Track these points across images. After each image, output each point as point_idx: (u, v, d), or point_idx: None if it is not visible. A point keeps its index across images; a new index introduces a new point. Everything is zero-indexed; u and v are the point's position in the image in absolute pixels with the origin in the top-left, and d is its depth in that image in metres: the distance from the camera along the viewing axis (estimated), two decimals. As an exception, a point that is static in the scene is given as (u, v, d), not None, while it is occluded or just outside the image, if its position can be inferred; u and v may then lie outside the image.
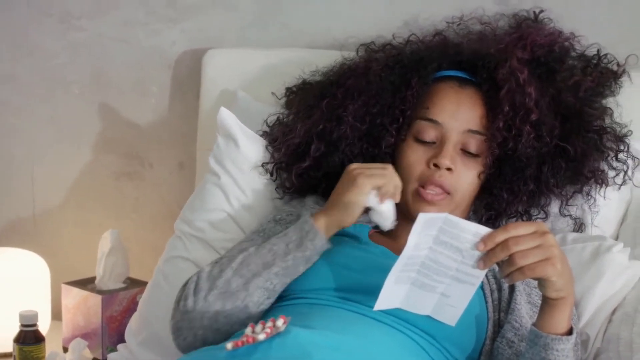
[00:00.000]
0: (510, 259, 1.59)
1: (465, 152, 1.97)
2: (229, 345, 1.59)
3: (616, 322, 1.99)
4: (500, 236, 1.59)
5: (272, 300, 1.83)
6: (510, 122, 1.97)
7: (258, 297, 1.81)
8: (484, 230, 1.60)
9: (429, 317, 1.71)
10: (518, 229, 1.60)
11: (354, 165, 1.86)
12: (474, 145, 1.96)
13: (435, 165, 1.93)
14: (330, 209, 1.85)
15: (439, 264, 1.62)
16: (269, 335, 1.61)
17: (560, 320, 1.68)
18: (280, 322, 1.63)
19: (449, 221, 1.60)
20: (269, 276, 1.81)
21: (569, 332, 1.69)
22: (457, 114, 1.96)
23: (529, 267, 1.59)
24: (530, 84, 1.98)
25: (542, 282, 1.63)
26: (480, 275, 1.62)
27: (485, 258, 1.60)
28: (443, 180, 1.93)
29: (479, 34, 2.16)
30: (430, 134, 1.97)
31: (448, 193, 1.94)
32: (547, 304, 1.67)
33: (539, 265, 1.59)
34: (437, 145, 1.96)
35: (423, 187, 1.94)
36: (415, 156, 1.97)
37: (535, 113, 1.98)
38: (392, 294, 1.67)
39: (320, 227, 1.83)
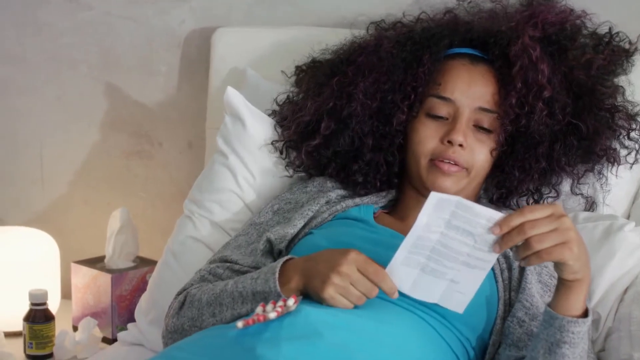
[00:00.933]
0: (527, 243, 1.57)
1: (478, 128, 1.96)
2: (240, 323, 1.59)
3: (627, 301, 1.99)
4: (516, 220, 1.57)
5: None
6: (523, 99, 1.97)
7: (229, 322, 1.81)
8: (498, 215, 1.57)
9: (438, 296, 1.70)
10: (534, 212, 1.57)
11: (345, 269, 1.68)
12: (486, 121, 1.96)
13: (449, 142, 1.93)
14: (307, 280, 1.73)
15: (450, 249, 1.61)
16: (280, 314, 1.61)
17: (575, 302, 1.66)
18: (291, 302, 1.63)
19: (462, 205, 1.58)
20: (235, 316, 1.79)
21: (584, 314, 1.68)
22: (470, 91, 1.96)
23: (545, 250, 1.57)
24: (542, 61, 1.98)
25: (558, 265, 1.62)
26: (491, 260, 1.61)
27: (500, 242, 1.58)
28: (456, 156, 1.93)
29: (489, 11, 2.14)
30: (442, 110, 1.97)
31: (464, 168, 1.94)
32: (563, 285, 1.66)
33: (555, 249, 1.57)
34: (450, 122, 1.96)
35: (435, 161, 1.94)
36: (428, 131, 1.97)
37: (548, 90, 1.97)
38: (400, 275, 1.66)
39: (290, 288, 1.74)
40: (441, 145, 1.95)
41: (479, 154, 1.96)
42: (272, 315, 1.60)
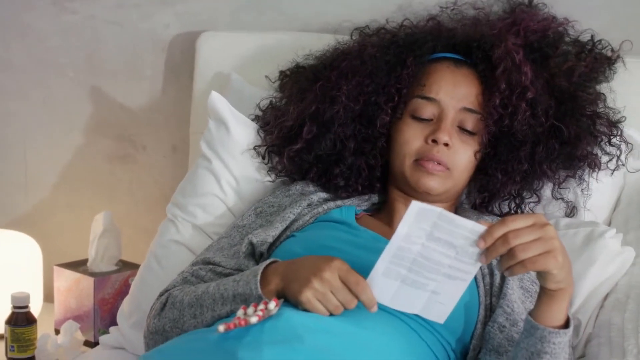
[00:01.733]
0: (511, 253, 1.56)
1: (461, 129, 1.98)
2: (221, 327, 1.59)
3: (608, 307, 1.99)
4: (499, 230, 1.56)
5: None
6: (507, 100, 1.98)
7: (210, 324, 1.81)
8: (479, 227, 1.56)
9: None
10: (517, 222, 1.56)
11: (327, 275, 1.67)
12: (470, 123, 1.98)
13: (434, 141, 1.94)
14: (286, 282, 1.72)
15: (431, 260, 1.60)
16: (261, 318, 1.61)
17: (558, 311, 1.66)
18: (272, 305, 1.63)
19: (444, 217, 1.57)
20: (216, 318, 1.79)
21: (566, 323, 1.68)
22: (454, 92, 1.98)
23: (530, 260, 1.56)
24: (525, 63, 1.99)
25: (542, 274, 1.61)
26: (473, 271, 1.60)
27: (486, 253, 1.57)
28: (440, 155, 1.94)
29: (472, 19, 2.16)
30: (427, 111, 1.98)
31: (448, 168, 1.95)
32: (545, 294, 1.65)
33: (540, 258, 1.56)
34: (435, 122, 1.97)
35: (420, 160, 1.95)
36: (413, 132, 1.99)
37: (532, 91, 1.99)
38: (380, 286, 1.65)
39: (270, 291, 1.73)
40: (426, 145, 1.96)
41: (462, 155, 1.97)
42: (254, 319, 1.60)
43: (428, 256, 1.59)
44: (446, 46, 2.07)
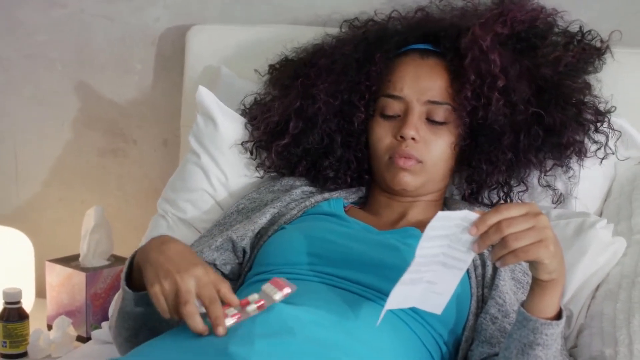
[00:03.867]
0: (503, 242, 1.55)
1: (431, 121, 1.98)
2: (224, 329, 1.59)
3: (599, 298, 1.99)
4: (493, 218, 1.54)
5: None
6: (479, 91, 1.98)
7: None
8: (473, 215, 1.55)
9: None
10: (510, 210, 1.55)
11: (185, 277, 1.63)
12: (439, 114, 1.98)
13: (401, 137, 1.95)
14: (143, 266, 1.70)
15: (427, 257, 1.58)
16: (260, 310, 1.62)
17: (550, 303, 1.65)
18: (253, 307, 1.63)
19: (441, 218, 1.55)
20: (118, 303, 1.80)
21: (559, 314, 1.68)
22: (418, 85, 1.98)
23: (522, 249, 1.54)
24: (493, 51, 1.99)
25: (534, 265, 1.60)
26: (468, 259, 1.59)
27: (479, 241, 1.56)
28: (409, 150, 1.95)
29: (461, 9, 2.15)
30: (393, 108, 1.99)
31: (420, 161, 1.95)
32: (537, 285, 1.64)
33: (532, 248, 1.55)
34: (402, 118, 1.98)
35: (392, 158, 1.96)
36: (382, 131, 2.00)
37: (502, 79, 1.98)
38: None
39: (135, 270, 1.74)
40: (395, 141, 1.97)
41: (434, 146, 1.97)
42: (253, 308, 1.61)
43: (425, 254, 1.58)
44: (418, 37, 2.07)
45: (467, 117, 1.98)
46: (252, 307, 1.62)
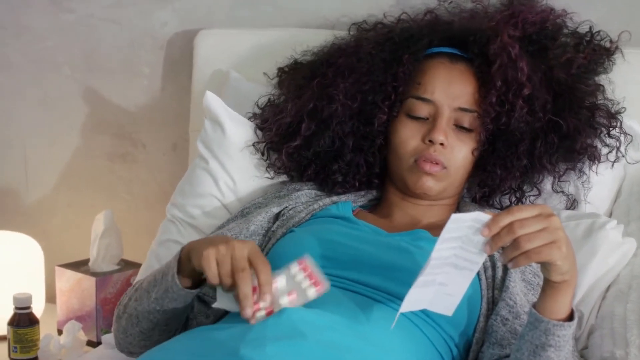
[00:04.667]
0: (515, 243, 1.54)
1: (458, 127, 1.97)
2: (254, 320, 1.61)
3: (610, 299, 1.99)
4: (505, 219, 1.54)
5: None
6: (503, 97, 1.98)
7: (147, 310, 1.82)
8: (485, 216, 1.55)
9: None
10: (522, 212, 1.55)
11: (238, 244, 1.65)
12: (466, 120, 1.97)
13: (430, 141, 1.94)
14: (197, 245, 1.73)
15: (440, 259, 1.58)
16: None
17: (562, 304, 1.65)
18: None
19: (455, 220, 1.54)
20: (149, 301, 1.79)
21: (570, 315, 1.67)
22: (449, 90, 1.97)
23: (534, 250, 1.54)
24: (521, 58, 1.99)
25: (546, 266, 1.60)
26: (479, 260, 1.58)
27: (490, 242, 1.55)
28: (437, 155, 1.94)
29: (470, 11, 2.15)
30: (423, 111, 1.98)
31: (445, 167, 1.95)
32: (550, 286, 1.64)
33: (544, 249, 1.55)
34: (430, 121, 1.97)
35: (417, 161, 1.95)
36: (409, 132, 1.98)
37: (528, 87, 1.98)
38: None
39: (184, 259, 1.74)
40: (422, 145, 1.96)
41: (458, 152, 1.97)
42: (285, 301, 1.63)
43: (439, 257, 1.57)
44: (442, 40, 2.06)
45: (490, 123, 1.98)
46: (284, 300, 1.63)
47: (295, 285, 1.65)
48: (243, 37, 2.50)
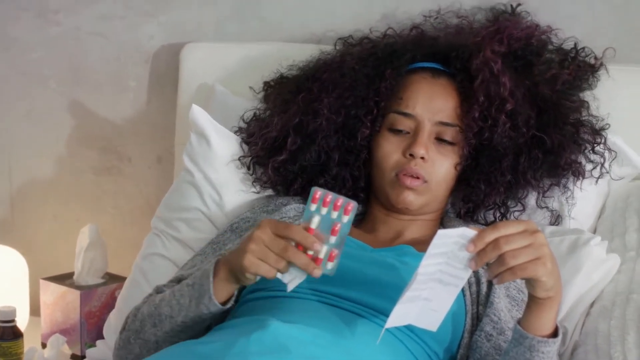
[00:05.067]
0: (501, 259, 1.55)
1: (440, 140, 1.98)
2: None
3: (594, 315, 1.99)
4: (491, 235, 1.55)
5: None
6: (486, 112, 1.98)
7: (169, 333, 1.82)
8: (470, 232, 1.55)
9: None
10: (508, 228, 1.56)
11: (258, 233, 1.67)
12: (448, 134, 1.98)
13: (411, 155, 1.95)
14: (230, 263, 1.73)
15: (426, 274, 1.58)
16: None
17: (547, 320, 1.66)
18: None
19: (441, 236, 1.55)
20: (174, 325, 1.79)
21: (555, 331, 1.68)
22: (430, 105, 1.98)
23: (519, 266, 1.55)
24: (504, 74, 1.99)
25: (531, 282, 1.61)
26: (464, 276, 1.59)
27: (476, 258, 1.56)
28: (418, 168, 1.95)
29: (456, 27, 2.17)
30: (404, 125, 1.99)
31: (425, 181, 1.95)
32: (534, 303, 1.65)
33: (530, 265, 1.55)
34: (411, 135, 1.98)
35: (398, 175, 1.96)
36: (391, 146, 1.99)
37: (511, 102, 1.99)
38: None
39: (220, 279, 1.74)
40: (403, 159, 1.97)
41: (440, 166, 1.97)
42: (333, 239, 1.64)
43: (424, 272, 1.57)
44: (426, 55, 2.07)
45: (473, 138, 1.99)
46: (332, 239, 1.64)
47: (330, 220, 1.64)
48: (229, 50, 2.50)
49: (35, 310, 2.66)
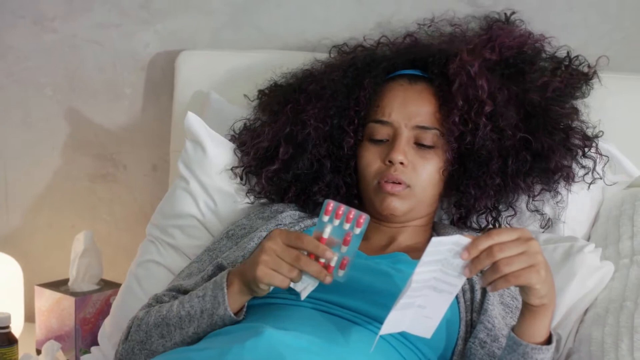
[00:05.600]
0: (495, 267, 1.55)
1: (419, 145, 1.98)
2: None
3: (588, 322, 2.00)
4: (485, 243, 1.55)
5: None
6: (466, 116, 1.99)
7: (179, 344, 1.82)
8: (464, 240, 1.55)
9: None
10: (501, 236, 1.56)
11: (269, 244, 1.69)
12: (427, 138, 1.99)
13: (390, 162, 1.96)
14: (243, 275, 1.75)
15: (420, 282, 1.58)
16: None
17: (540, 327, 1.66)
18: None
19: (435, 243, 1.55)
20: (185, 336, 1.80)
21: (549, 339, 1.68)
22: (405, 110, 1.99)
23: (513, 274, 1.55)
24: (481, 76, 2.00)
25: (525, 289, 1.61)
26: (459, 283, 1.59)
27: (470, 266, 1.56)
28: (398, 174, 1.95)
29: (449, 35, 2.17)
30: (382, 133, 2.00)
31: (408, 186, 1.96)
32: (528, 310, 1.65)
33: (523, 273, 1.56)
34: (390, 143, 1.98)
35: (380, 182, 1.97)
36: (371, 156, 2.00)
37: (489, 105, 1.99)
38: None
39: (233, 292, 1.76)
40: (383, 166, 1.98)
41: (422, 170, 1.98)
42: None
43: (418, 280, 1.58)
44: (405, 62, 2.08)
45: (455, 142, 1.99)
46: (344, 249, 1.66)
47: (342, 230, 1.67)
48: (224, 58, 2.51)
49: (30, 317, 2.66)
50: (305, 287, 1.71)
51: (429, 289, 1.60)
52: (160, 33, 2.67)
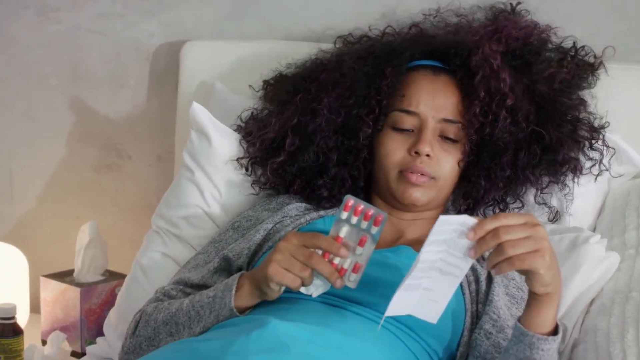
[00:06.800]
0: (500, 248, 1.56)
1: (443, 138, 1.98)
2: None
3: (593, 313, 2.00)
4: (491, 224, 1.56)
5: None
6: (487, 108, 1.98)
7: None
8: (471, 220, 1.56)
9: (407, 308, 1.70)
10: (509, 219, 1.57)
11: (283, 243, 1.71)
12: (452, 131, 1.98)
13: (416, 153, 1.95)
14: (255, 276, 1.77)
15: (427, 262, 1.59)
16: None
17: (546, 318, 1.66)
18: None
19: (442, 222, 1.56)
20: (192, 335, 1.80)
21: (555, 329, 1.68)
22: (433, 102, 1.98)
23: (518, 257, 1.56)
24: (504, 70, 2.00)
25: (529, 276, 1.61)
26: (465, 266, 1.59)
27: (475, 246, 1.57)
28: (424, 166, 1.95)
29: (455, 26, 2.17)
30: (407, 123, 1.99)
31: (432, 178, 1.96)
32: (534, 299, 1.65)
33: (528, 256, 1.56)
34: (415, 133, 1.98)
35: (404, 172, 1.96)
36: (395, 144, 1.99)
37: (511, 98, 1.99)
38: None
39: (243, 294, 1.77)
40: (408, 157, 1.96)
41: (445, 163, 1.97)
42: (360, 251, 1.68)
43: (425, 259, 1.58)
44: (424, 53, 2.07)
45: (474, 134, 1.99)
46: (359, 250, 1.67)
47: (359, 230, 1.67)
48: (229, 49, 2.50)
49: (35, 308, 2.66)
50: (315, 290, 1.72)
51: (435, 271, 1.60)
52: (164, 23, 2.66)
